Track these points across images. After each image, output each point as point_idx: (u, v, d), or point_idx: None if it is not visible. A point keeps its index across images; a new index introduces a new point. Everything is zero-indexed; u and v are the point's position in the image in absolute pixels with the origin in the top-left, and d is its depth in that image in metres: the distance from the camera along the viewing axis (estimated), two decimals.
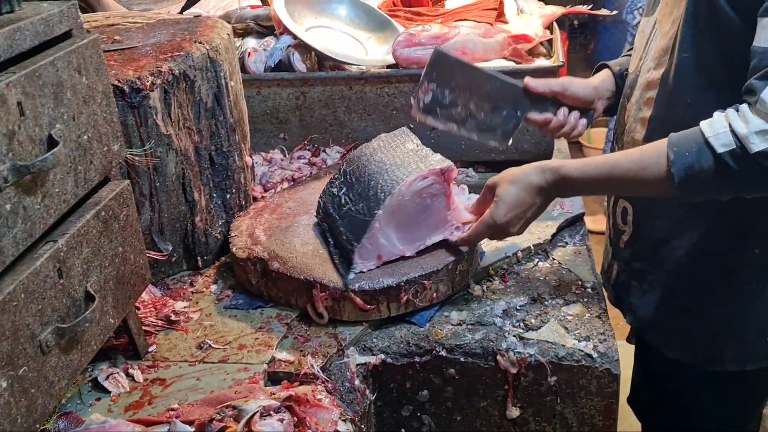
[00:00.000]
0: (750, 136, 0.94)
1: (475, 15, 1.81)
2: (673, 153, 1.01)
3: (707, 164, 0.98)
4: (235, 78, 1.46)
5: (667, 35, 1.10)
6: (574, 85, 1.31)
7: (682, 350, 1.19)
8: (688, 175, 0.99)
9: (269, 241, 1.32)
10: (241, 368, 1.12)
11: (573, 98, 1.31)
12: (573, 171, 1.12)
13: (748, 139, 0.94)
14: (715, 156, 0.97)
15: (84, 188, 0.94)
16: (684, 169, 1.00)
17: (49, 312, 0.85)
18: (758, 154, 0.94)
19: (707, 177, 0.98)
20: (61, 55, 0.88)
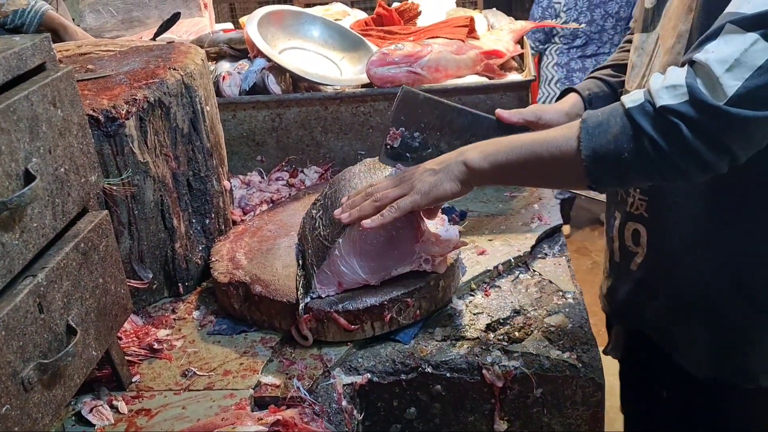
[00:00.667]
0: (660, 90, 0.90)
1: (446, 32, 1.84)
2: (585, 115, 0.96)
3: (615, 122, 0.92)
4: (211, 102, 1.46)
5: (673, 51, 1.07)
6: (546, 113, 1.29)
7: (712, 369, 1.15)
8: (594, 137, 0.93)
9: (250, 265, 1.31)
10: (227, 394, 1.11)
11: (546, 126, 1.27)
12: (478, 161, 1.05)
13: (657, 93, 0.90)
14: (624, 111, 0.92)
15: (62, 221, 0.93)
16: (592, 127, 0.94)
17: (30, 348, 0.84)
18: (662, 108, 0.89)
19: (614, 137, 0.92)
20: (36, 89, 0.87)
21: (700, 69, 0.89)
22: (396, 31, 1.99)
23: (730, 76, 0.86)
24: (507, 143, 1.05)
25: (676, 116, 0.88)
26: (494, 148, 1.06)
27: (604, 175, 0.96)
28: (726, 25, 0.88)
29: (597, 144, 0.94)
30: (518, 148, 1.03)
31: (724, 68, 0.87)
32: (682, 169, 0.92)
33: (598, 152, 0.94)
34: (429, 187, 1.09)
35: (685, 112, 0.88)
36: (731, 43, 0.87)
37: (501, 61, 1.83)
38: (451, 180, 1.08)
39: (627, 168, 0.94)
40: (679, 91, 0.89)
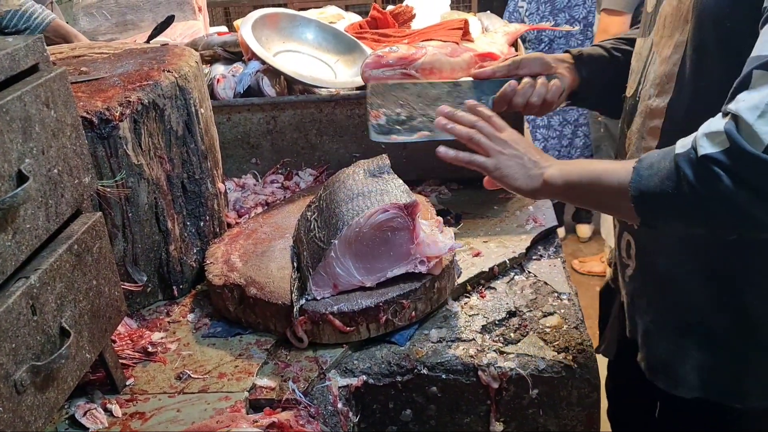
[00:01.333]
0: (701, 137, 0.88)
1: (441, 35, 1.84)
2: (645, 154, 0.96)
3: (664, 165, 0.92)
4: (205, 105, 1.46)
5: (669, 61, 1.06)
6: (524, 58, 1.29)
7: (701, 389, 1.13)
8: (645, 174, 0.94)
9: (245, 267, 1.31)
10: (222, 397, 1.11)
11: (529, 66, 1.29)
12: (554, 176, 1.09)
13: (699, 141, 0.88)
14: (673, 157, 0.91)
15: (56, 222, 0.93)
16: (644, 167, 0.94)
17: (23, 350, 0.83)
18: (703, 157, 0.87)
19: (660, 180, 0.92)
20: (29, 89, 0.87)
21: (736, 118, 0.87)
22: (390, 34, 1.99)
23: (763, 122, 0.84)
24: (583, 166, 1.08)
25: (717, 165, 0.87)
26: (571, 168, 1.09)
27: (653, 217, 0.97)
28: (753, 72, 0.87)
29: (644, 185, 0.94)
30: (589, 172, 1.05)
31: (755, 115, 0.85)
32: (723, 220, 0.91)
33: (644, 193, 0.94)
34: (507, 171, 1.13)
35: (724, 161, 0.86)
36: (760, 89, 0.86)
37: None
38: (527, 180, 1.11)
39: (673, 213, 0.95)
40: (719, 139, 0.87)
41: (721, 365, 1.11)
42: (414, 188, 1.68)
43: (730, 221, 0.91)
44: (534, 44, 3.76)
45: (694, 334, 1.12)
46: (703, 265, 1.09)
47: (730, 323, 1.09)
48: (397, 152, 1.71)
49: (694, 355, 1.12)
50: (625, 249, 1.21)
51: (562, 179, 1.08)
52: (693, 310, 1.11)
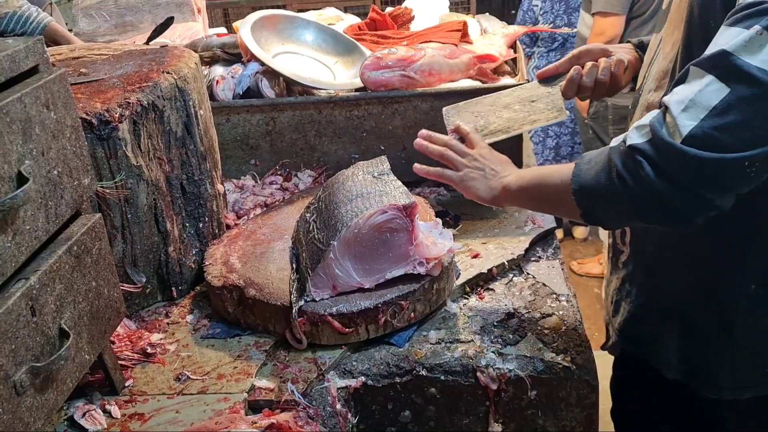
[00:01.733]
0: (632, 130, 0.94)
1: (440, 37, 1.85)
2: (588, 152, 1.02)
3: (599, 159, 0.98)
4: (204, 106, 1.46)
5: (668, 57, 1.09)
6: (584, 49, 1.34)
7: (681, 372, 1.16)
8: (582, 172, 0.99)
9: (244, 268, 1.31)
10: (220, 398, 1.11)
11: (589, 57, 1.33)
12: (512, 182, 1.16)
13: (630, 133, 0.94)
14: (607, 151, 0.97)
15: (55, 224, 0.93)
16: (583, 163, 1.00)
17: (22, 351, 0.84)
18: (630, 147, 0.93)
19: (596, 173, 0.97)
20: (29, 90, 0.87)
21: (665, 110, 0.92)
22: (389, 36, 1.99)
23: (685, 116, 0.88)
24: (534, 171, 1.16)
25: (640, 154, 0.92)
26: (525, 173, 1.18)
27: (590, 209, 1.02)
28: (690, 68, 0.91)
29: (583, 179, 1.01)
30: (538, 175, 1.13)
31: (680, 108, 0.89)
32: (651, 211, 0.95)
33: (583, 187, 1.01)
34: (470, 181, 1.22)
35: (645, 149, 0.91)
36: (691, 84, 0.90)
37: (494, 65, 1.84)
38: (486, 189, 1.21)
39: (606, 204, 1.00)
40: (644, 131, 0.93)
41: (698, 355, 1.14)
42: (413, 190, 1.69)
43: (655, 211, 0.95)
44: (547, 43, 3.76)
45: (675, 320, 1.16)
46: (686, 255, 1.12)
47: (707, 315, 1.12)
48: (396, 154, 1.71)
49: (675, 339, 1.16)
50: (620, 236, 1.26)
51: (517, 185, 1.16)
52: (675, 298, 1.15)
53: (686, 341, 1.15)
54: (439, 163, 1.28)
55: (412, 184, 1.68)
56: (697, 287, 1.11)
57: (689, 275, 1.12)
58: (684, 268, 1.12)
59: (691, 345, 1.15)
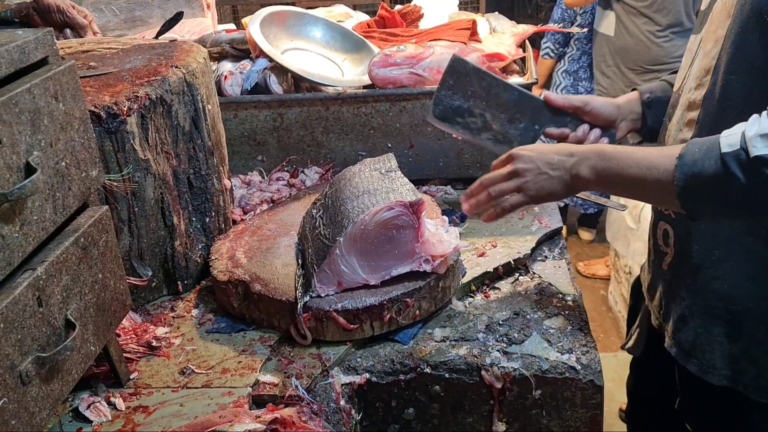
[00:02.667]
0: (754, 138, 0.88)
1: (449, 35, 1.84)
2: (684, 149, 0.97)
3: (710, 163, 0.92)
4: (212, 101, 1.46)
5: (710, 55, 1.07)
6: (596, 101, 1.30)
7: (728, 378, 1.13)
8: (689, 173, 0.95)
9: (250, 264, 1.31)
10: (225, 392, 1.11)
11: (594, 115, 1.29)
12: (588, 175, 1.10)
13: (751, 141, 0.88)
14: (719, 156, 0.91)
15: (62, 215, 0.93)
16: (687, 165, 0.95)
17: (29, 341, 0.84)
18: (756, 158, 0.88)
19: (707, 179, 0.93)
20: (38, 82, 0.87)
21: None
22: (398, 33, 1.99)
23: None
24: (616, 163, 1.08)
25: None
26: (604, 165, 1.09)
27: (697, 210, 1.00)
28: None
29: (689, 185, 0.96)
30: (625, 171, 1.06)
31: None
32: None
33: (690, 193, 0.97)
34: (541, 190, 1.15)
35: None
36: None
37: (503, 64, 1.83)
38: (563, 188, 1.13)
39: (718, 208, 0.98)
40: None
41: (748, 357, 1.11)
42: (420, 188, 1.69)
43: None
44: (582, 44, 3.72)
45: (722, 321, 1.12)
46: (736, 254, 1.09)
47: (758, 315, 1.09)
48: (403, 151, 1.71)
49: (723, 343, 1.13)
50: (662, 238, 1.22)
51: (595, 175, 1.10)
52: (723, 298, 1.11)
53: (735, 344, 1.12)
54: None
55: (418, 182, 1.68)
56: (746, 286, 1.09)
57: (738, 274, 1.09)
58: (733, 266, 1.09)
59: (740, 347, 1.11)
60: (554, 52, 3.83)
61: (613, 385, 2.13)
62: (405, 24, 2.13)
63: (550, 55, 3.85)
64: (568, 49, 3.81)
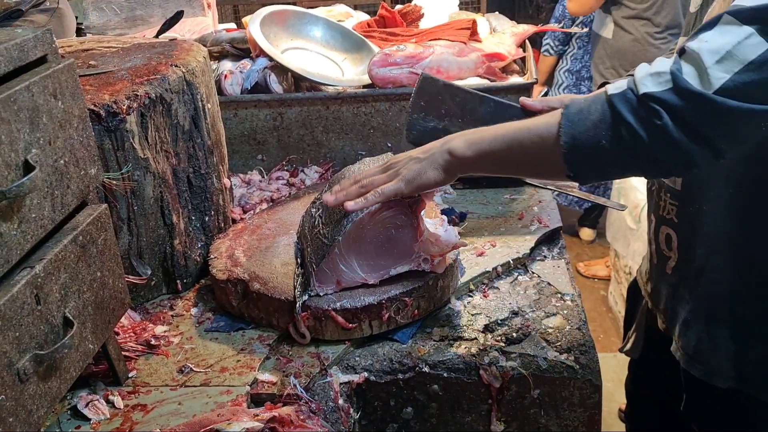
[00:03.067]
0: (644, 77, 0.86)
1: (449, 34, 1.84)
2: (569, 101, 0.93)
3: (596, 108, 0.89)
4: (212, 100, 1.46)
5: None
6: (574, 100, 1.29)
7: (734, 380, 1.13)
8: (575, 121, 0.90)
9: (249, 262, 1.31)
10: (223, 391, 1.11)
11: None
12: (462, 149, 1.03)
13: (641, 80, 0.86)
14: (606, 99, 0.88)
15: (61, 213, 0.93)
16: (572, 113, 0.90)
17: (26, 339, 0.84)
18: (644, 95, 0.85)
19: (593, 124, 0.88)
20: (37, 80, 0.87)
21: (690, 57, 0.85)
22: (398, 33, 1.99)
23: (719, 67, 0.83)
24: (492, 131, 1.02)
25: (657, 103, 0.85)
26: (479, 136, 1.03)
27: (583, 165, 0.93)
28: (723, 16, 0.86)
29: (576, 131, 0.91)
30: (502, 135, 1.00)
31: (714, 59, 0.84)
32: (660, 159, 0.89)
33: (577, 139, 0.91)
34: (413, 174, 1.08)
35: (667, 99, 0.85)
36: (726, 34, 0.85)
37: (503, 64, 1.83)
38: (435, 168, 1.06)
39: (605, 158, 0.91)
40: (663, 78, 0.86)
41: (753, 357, 1.10)
42: None
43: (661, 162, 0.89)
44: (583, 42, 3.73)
45: (726, 323, 1.12)
46: (738, 255, 1.08)
47: (761, 315, 1.08)
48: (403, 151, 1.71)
49: (727, 345, 1.12)
50: (665, 242, 1.20)
51: (472, 149, 1.02)
52: (726, 301, 1.11)
53: (738, 345, 1.11)
54: None
55: None
56: (749, 288, 1.08)
57: (747, 276, 1.08)
58: (734, 270, 1.09)
59: (745, 348, 1.11)
60: (554, 49, 3.83)
61: (612, 385, 2.13)
62: (405, 24, 2.13)
63: (550, 52, 3.85)
64: (570, 47, 3.80)
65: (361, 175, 1.17)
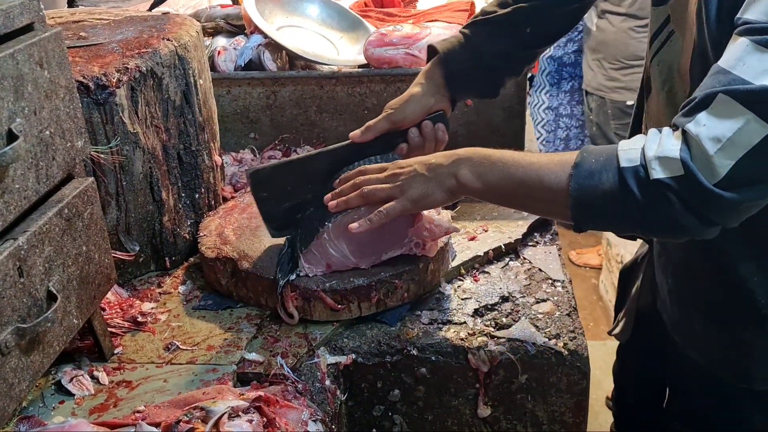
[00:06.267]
0: (653, 160, 0.87)
1: (446, 16, 1.82)
2: (580, 157, 0.94)
3: (607, 177, 0.90)
4: (204, 76, 1.44)
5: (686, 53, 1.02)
6: (398, 112, 1.23)
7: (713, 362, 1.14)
8: (585, 185, 0.92)
9: (239, 241, 1.30)
10: (209, 369, 1.10)
11: (410, 122, 1.23)
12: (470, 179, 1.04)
13: (650, 163, 0.87)
14: (617, 170, 0.90)
15: (46, 185, 0.92)
16: (583, 175, 0.92)
17: (8, 312, 0.83)
18: (656, 181, 0.87)
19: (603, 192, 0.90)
20: (22, 47, 0.85)
21: (693, 142, 0.86)
22: (395, 13, 1.97)
23: (722, 155, 0.84)
24: (501, 166, 1.02)
25: (668, 191, 0.87)
26: (488, 168, 1.04)
27: (588, 223, 0.96)
28: (718, 96, 0.84)
29: (584, 195, 0.93)
30: (511, 175, 1.01)
31: (716, 147, 0.84)
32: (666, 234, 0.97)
33: (586, 204, 0.93)
34: (420, 195, 1.08)
35: (677, 189, 0.86)
36: (724, 120, 0.84)
37: None
38: (442, 190, 1.07)
39: (612, 223, 0.97)
40: (674, 165, 0.86)
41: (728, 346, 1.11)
42: None
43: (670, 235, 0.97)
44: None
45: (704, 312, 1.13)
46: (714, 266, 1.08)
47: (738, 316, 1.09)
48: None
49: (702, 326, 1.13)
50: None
51: (479, 181, 1.04)
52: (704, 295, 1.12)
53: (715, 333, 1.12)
54: None
55: None
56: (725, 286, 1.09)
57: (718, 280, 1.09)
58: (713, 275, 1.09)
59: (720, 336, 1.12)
60: None
61: (600, 373, 2.13)
62: (402, 4, 2.10)
63: None
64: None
65: (362, 179, 1.14)
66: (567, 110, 3.91)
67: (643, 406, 1.34)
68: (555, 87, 3.93)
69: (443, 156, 1.09)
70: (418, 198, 1.09)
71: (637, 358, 1.34)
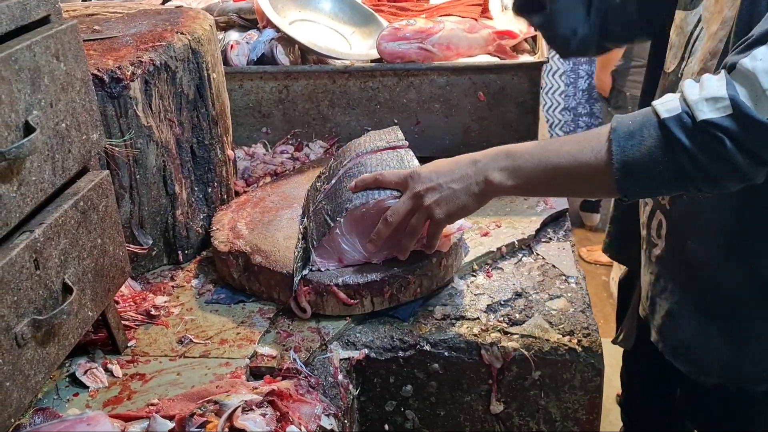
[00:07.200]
0: (699, 102, 0.84)
1: (459, 10, 1.81)
2: (615, 122, 0.90)
3: (649, 132, 0.87)
4: (218, 70, 1.44)
5: (716, 37, 1.01)
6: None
7: (721, 377, 1.12)
8: (627, 147, 0.88)
9: (251, 235, 1.30)
10: (222, 363, 1.10)
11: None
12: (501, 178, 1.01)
13: (696, 105, 0.84)
14: (659, 123, 0.86)
15: (62, 177, 0.92)
16: (623, 138, 0.88)
17: (25, 303, 0.83)
18: (704, 122, 0.83)
19: (649, 148, 0.86)
20: (39, 39, 0.85)
21: (743, 77, 0.83)
22: (408, 8, 1.96)
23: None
24: (529, 158, 0.99)
25: (719, 130, 0.84)
26: (517, 163, 1.00)
27: (636, 188, 0.93)
28: None
29: (630, 157, 0.89)
30: (544, 163, 0.98)
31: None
32: (719, 182, 0.89)
33: (631, 166, 0.89)
34: (454, 209, 1.06)
35: (729, 126, 0.83)
36: None
37: (513, 42, 1.80)
38: (473, 199, 1.05)
39: (661, 180, 0.91)
40: (722, 104, 0.84)
41: (744, 350, 1.09)
42: None
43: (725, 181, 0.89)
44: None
45: (718, 317, 1.10)
46: (735, 247, 1.06)
47: (756, 307, 1.07)
48: (410, 128, 1.69)
49: (716, 341, 1.10)
50: (656, 229, 1.18)
51: (511, 179, 1.01)
52: (719, 293, 1.09)
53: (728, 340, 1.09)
54: None
55: (424, 160, 1.66)
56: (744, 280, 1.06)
57: (739, 270, 1.06)
58: (733, 263, 1.06)
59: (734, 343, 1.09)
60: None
61: (611, 370, 2.12)
62: None
63: None
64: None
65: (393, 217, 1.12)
66: (586, 109, 3.90)
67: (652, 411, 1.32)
68: (571, 86, 3.91)
69: (465, 164, 1.05)
70: (453, 212, 1.07)
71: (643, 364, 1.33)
